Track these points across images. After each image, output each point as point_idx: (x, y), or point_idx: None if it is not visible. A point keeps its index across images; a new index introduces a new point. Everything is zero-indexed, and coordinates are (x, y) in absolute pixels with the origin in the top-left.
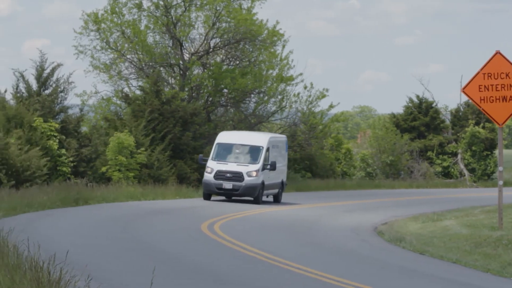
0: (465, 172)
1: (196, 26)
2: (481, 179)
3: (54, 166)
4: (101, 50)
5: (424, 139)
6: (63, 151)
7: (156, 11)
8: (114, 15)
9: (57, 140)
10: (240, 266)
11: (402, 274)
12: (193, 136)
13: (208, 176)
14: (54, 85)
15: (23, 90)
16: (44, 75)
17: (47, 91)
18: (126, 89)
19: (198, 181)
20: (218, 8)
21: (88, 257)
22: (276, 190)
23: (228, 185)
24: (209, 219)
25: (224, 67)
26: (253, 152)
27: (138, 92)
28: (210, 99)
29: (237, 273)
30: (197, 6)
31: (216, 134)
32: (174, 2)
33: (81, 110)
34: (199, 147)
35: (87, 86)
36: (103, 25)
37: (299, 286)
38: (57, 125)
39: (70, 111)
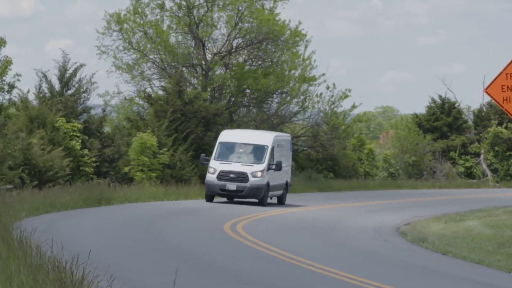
0: (488, 172)
1: (218, 26)
2: (504, 179)
3: (77, 166)
4: (124, 51)
5: (447, 140)
6: (86, 151)
7: (179, 12)
8: (136, 16)
9: (80, 140)
10: (263, 266)
11: (425, 274)
12: (216, 136)
13: (211, 177)
14: (76, 85)
15: (46, 91)
16: (67, 75)
17: (69, 91)
18: (148, 89)
19: None
20: (240, 8)
21: (111, 257)
22: (280, 192)
23: (232, 186)
24: (232, 219)
25: (247, 67)
26: (258, 151)
27: (160, 92)
28: (233, 99)
29: (260, 273)
30: (220, 6)
31: None
32: (197, 3)
33: (104, 110)
34: None
35: (110, 87)
36: (125, 25)
37: (322, 286)
38: (79, 125)
39: (92, 111)
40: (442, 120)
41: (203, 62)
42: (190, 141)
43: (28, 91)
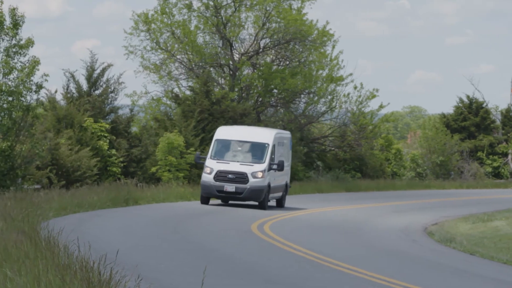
0: None
1: (246, 27)
2: None
3: (104, 167)
4: (151, 51)
5: (474, 140)
6: (113, 151)
7: (206, 12)
8: (164, 16)
9: (107, 141)
10: (291, 266)
11: (453, 274)
12: None
13: (208, 177)
14: (104, 86)
15: (74, 91)
16: (95, 75)
17: (97, 92)
18: (176, 90)
19: None
20: (268, 8)
21: (138, 257)
22: (280, 194)
23: (230, 187)
24: (259, 219)
25: (274, 67)
26: (258, 150)
27: (188, 92)
28: (260, 99)
29: (288, 273)
30: (247, 6)
31: None
32: (224, 3)
33: (131, 110)
34: None
35: (137, 87)
36: (153, 25)
37: (349, 286)
38: (107, 126)
39: (120, 112)
40: (470, 120)
41: (231, 62)
42: None
43: (56, 91)
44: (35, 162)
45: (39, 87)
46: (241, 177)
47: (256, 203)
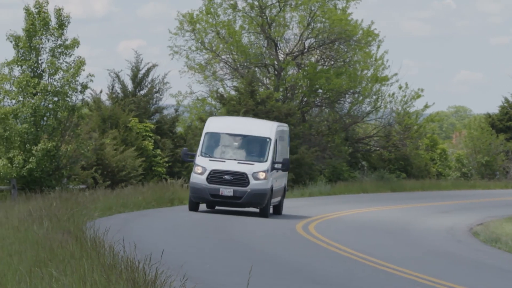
0: None
1: (290, 27)
2: None
3: (149, 167)
4: (196, 51)
5: None
6: (158, 151)
7: (251, 12)
8: (209, 16)
9: (152, 141)
10: (336, 266)
11: (498, 275)
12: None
13: (199, 178)
14: (149, 86)
15: (119, 91)
16: (139, 75)
17: (142, 92)
18: (221, 90)
19: (293, 181)
20: (313, 8)
21: (183, 257)
22: (278, 198)
23: (227, 191)
24: (304, 219)
25: (319, 67)
26: (257, 145)
27: (233, 92)
28: (305, 99)
29: (333, 274)
30: (292, 6)
31: (311, 135)
32: (269, 3)
33: (176, 110)
34: (293, 148)
35: (182, 87)
36: (198, 25)
37: (394, 286)
38: (152, 126)
39: (165, 112)
40: None
41: (276, 62)
42: None
43: (101, 92)
44: (80, 162)
45: (84, 87)
46: (240, 179)
47: (257, 209)
